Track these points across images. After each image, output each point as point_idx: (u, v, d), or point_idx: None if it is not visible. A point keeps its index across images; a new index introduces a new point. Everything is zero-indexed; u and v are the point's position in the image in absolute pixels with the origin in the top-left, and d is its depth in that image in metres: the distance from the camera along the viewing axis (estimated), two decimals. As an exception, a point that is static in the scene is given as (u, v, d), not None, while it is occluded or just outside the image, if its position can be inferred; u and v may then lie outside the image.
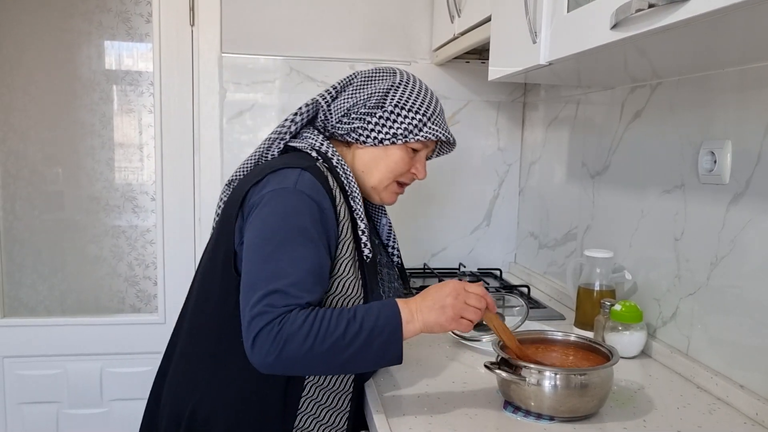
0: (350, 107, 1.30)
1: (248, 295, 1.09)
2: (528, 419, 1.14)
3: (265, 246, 1.12)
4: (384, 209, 1.47)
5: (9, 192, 2.27)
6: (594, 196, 1.84)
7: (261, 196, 1.17)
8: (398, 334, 1.09)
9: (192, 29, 2.23)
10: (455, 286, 1.14)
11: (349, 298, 1.20)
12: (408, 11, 2.33)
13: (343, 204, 1.22)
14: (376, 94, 1.29)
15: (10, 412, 2.29)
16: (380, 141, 1.28)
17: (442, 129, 1.31)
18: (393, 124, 1.28)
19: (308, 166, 1.21)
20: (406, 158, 1.31)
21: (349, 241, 1.21)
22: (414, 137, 1.28)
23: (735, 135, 1.27)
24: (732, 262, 1.27)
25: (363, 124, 1.29)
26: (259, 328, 1.05)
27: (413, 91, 1.31)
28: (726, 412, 1.21)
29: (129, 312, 2.41)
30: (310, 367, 1.08)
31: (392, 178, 1.32)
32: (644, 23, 0.93)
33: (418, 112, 1.28)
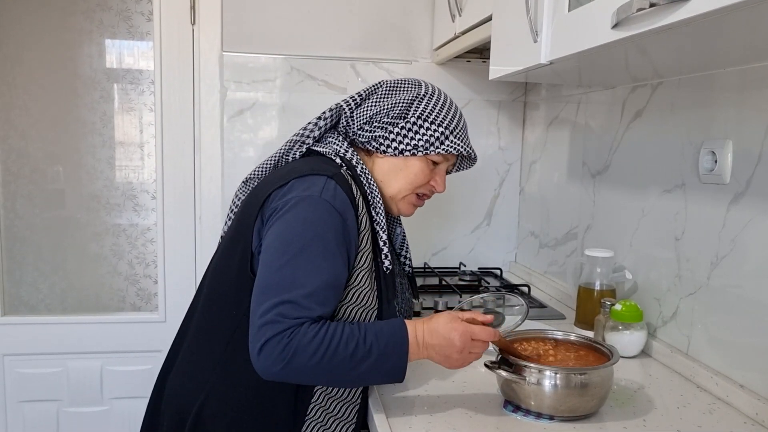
0: (373, 115, 1.29)
1: (260, 299, 1.09)
2: (528, 418, 1.14)
3: (284, 252, 1.11)
4: (399, 219, 1.46)
5: (10, 190, 2.27)
6: (595, 196, 1.84)
7: (285, 201, 1.16)
8: (403, 362, 1.10)
9: (193, 28, 2.23)
10: (464, 341, 1.11)
11: (364, 308, 1.19)
12: (409, 10, 2.33)
13: (364, 214, 1.21)
14: (400, 104, 1.28)
15: (11, 410, 2.29)
16: (401, 152, 1.28)
17: (464, 143, 1.30)
18: (415, 136, 1.27)
19: (334, 174, 1.19)
20: (425, 170, 1.30)
21: (367, 252, 1.20)
22: (435, 150, 1.27)
23: (736, 135, 1.27)
24: (732, 262, 1.27)
25: (385, 133, 1.28)
26: (268, 338, 1.05)
27: (437, 103, 1.30)
28: (726, 412, 1.21)
29: (129, 310, 2.41)
30: (313, 380, 1.11)
31: (411, 190, 1.31)
32: (645, 22, 0.93)
33: (441, 124, 1.28)
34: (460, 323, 1.13)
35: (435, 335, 1.12)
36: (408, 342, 1.10)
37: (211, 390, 1.20)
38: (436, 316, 1.15)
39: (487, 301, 1.80)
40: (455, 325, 1.12)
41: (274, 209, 1.17)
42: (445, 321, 1.13)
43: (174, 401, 1.26)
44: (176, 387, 1.27)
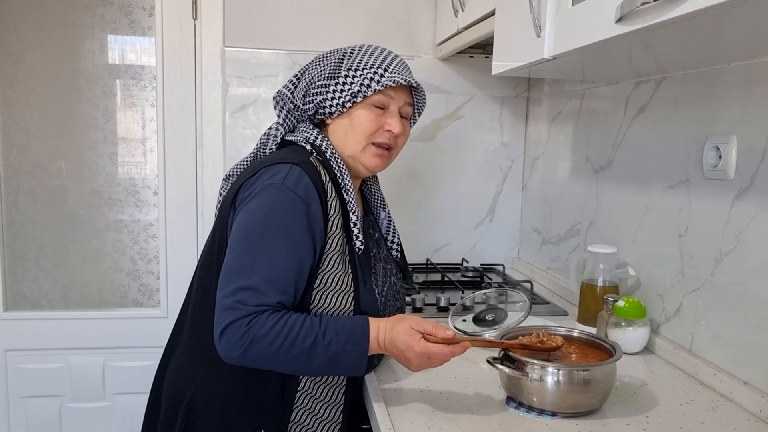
0: (308, 84, 1.31)
1: (222, 285, 1.14)
2: (530, 415, 1.14)
3: (245, 239, 1.15)
4: (383, 203, 1.46)
5: (12, 185, 2.27)
6: (598, 192, 1.83)
7: (251, 190, 1.19)
8: (362, 361, 1.13)
9: (195, 23, 2.23)
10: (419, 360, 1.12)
11: (339, 292, 1.20)
12: (412, 5, 2.32)
13: (334, 198, 1.23)
14: (330, 65, 1.30)
15: (13, 405, 2.30)
16: (343, 105, 1.27)
17: (400, 75, 1.27)
18: (350, 85, 1.26)
19: (300, 161, 1.21)
20: (371, 116, 1.28)
21: (338, 236, 1.21)
22: (372, 89, 1.26)
23: (740, 130, 1.26)
24: (736, 259, 1.26)
25: (324, 96, 1.29)
26: (227, 323, 1.09)
27: (366, 51, 1.30)
28: (729, 409, 1.20)
29: (131, 306, 2.41)
30: (272, 368, 1.14)
31: (365, 140, 1.29)
32: (649, 16, 0.92)
33: (372, 66, 1.27)
34: (417, 341, 1.11)
35: (393, 346, 1.13)
36: (368, 343, 1.13)
37: (201, 381, 1.24)
38: (398, 323, 1.14)
39: (489, 298, 1.80)
40: (412, 344, 1.11)
41: (241, 199, 1.21)
42: (404, 336, 1.12)
43: (169, 393, 1.30)
44: (171, 379, 1.31)
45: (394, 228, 1.46)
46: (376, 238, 1.40)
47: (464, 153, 2.41)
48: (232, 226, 1.21)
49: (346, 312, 1.20)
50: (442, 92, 2.37)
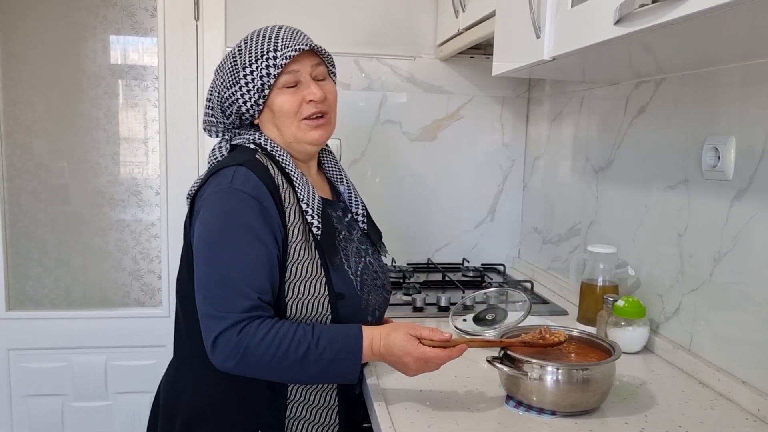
0: (219, 100, 1.32)
1: (200, 299, 1.15)
2: (530, 414, 1.15)
3: (208, 249, 1.16)
4: (341, 175, 1.44)
5: (14, 185, 2.28)
6: (598, 192, 1.84)
7: (202, 200, 1.20)
8: (356, 369, 1.14)
9: (197, 23, 2.24)
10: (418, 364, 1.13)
11: (310, 280, 1.20)
12: (412, 6, 2.33)
13: (287, 189, 1.23)
14: (228, 72, 1.29)
15: (16, 404, 2.30)
16: (257, 103, 1.28)
17: (290, 47, 1.25)
18: (252, 82, 1.26)
19: (245, 160, 1.22)
20: (287, 98, 1.27)
21: (298, 225, 1.21)
22: (273, 75, 1.25)
23: (739, 131, 1.27)
24: (735, 258, 1.27)
25: (237, 103, 1.29)
26: (217, 333, 1.10)
27: (252, 42, 1.27)
28: (728, 408, 1.21)
29: (133, 305, 2.42)
30: (268, 376, 1.15)
31: (295, 121, 1.28)
32: (648, 18, 0.93)
33: (263, 53, 1.25)
34: (415, 346, 1.12)
35: (389, 352, 1.14)
36: (361, 352, 1.13)
37: (193, 392, 1.26)
38: (394, 330, 1.15)
39: (490, 297, 1.80)
40: (410, 349, 1.12)
41: (196, 210, 1.22)
42: (401, 341, 1.13)
43: (165, 405, 1.32)
44: (165, 391, 1.34)
45: (357, 198, 1.43)
46: (348, 221, 1.39)
47: (465, 153, 2.42)
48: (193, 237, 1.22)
49: (321, 298, 1.20)
50: (443, 92, 2.38)
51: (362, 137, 2.35)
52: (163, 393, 1.34)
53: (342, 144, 2.34)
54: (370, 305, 1.30)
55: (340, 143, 2.33)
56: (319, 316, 1.19)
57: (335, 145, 2.32)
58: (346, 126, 2.31)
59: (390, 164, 2.38)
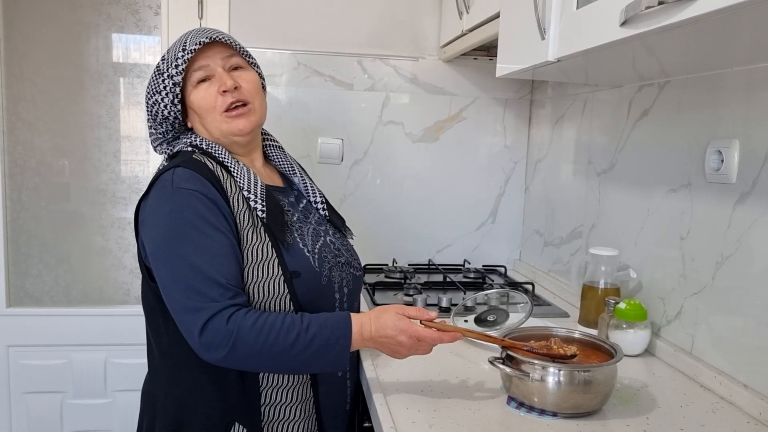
0: (149, 111, 1.34)
1: (172, 295, 1.14)
2: (531, 415, 1.14)
3: (169, 248, 1.16)
4: (293, 168, 1.44)
5: (16, 182, 2.28)
6: (600, 195, 1.84)
7: (148, 207, 1.21)
8: (345, 355, 1.15)
9: (200, 22, 2.23)
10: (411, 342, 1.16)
11: (264, 263, 1.20)
12: (416, 7, 2.33)
13: (228, 179, 1.24)
14: (152, 82, 1.31)
15: (15, 401, 2.30)
16: (173, 104, 1.29)
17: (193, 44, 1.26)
18: (167, 84, 1.28)
19: (181, 162, 1.23)
20: (201, 93, 1.29)
21: (243, 211, 1.22)
22: (180, 74, 1.26)
23: (742, 134, 1.27)
24: (737, 262, 1.27)
25: (162, 107, 1.30)
26: (203, 323, 1.09)
27: (168, 51, 1.31)
28: (729, 412, 1.21)
29: (134, 303, 2.42)
30: (256, 367, 1.16)
31: (215, 114, 1.29)
32: (653, 20, 0.93)
33: (173, 57, 1.27)
34: (407, 323, 1.16)
35: (382, 333, 1.16)
36: (351, 337, 1.15)
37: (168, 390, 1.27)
38: (383, 313, 1.18)
39: (491, 299, 1.80)
40: (402, 326, 1.16)
41: (143, 218, 1.23)
42: (393, 321, 1.16)
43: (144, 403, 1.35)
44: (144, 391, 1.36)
45: (314, 187, 1.44)
46: (303, 206, 1.39)
47: (467, 155, 2.42)
48: (144, 247, 1.22)
49: (275, 279, 1.20)
50: (446, 94, 2.38)
51: (364, 138, 2.36)
52: (141, 402, 1.36)
53: (344, 144, 2.34)
54: (334, 281, 1.30)
55: (342, 143, 2.33)
56: (277, 297, 1.20)
57: (337, 145, 2.32)
58: (349, 126, 2.32)
59: (392, 165, 2.38)
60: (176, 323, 1.15)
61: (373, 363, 1.38)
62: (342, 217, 1.48)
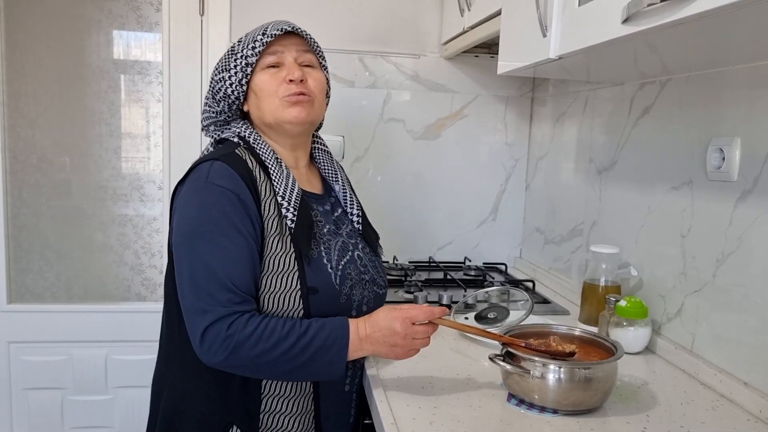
0: (213, 86, 1.34)
1: (184, 292, 1.16)
2: (531, 412, 1.15)
3: (188, 243, 1.17)
4: (336, 175, 1.43)
5: (17, 178, 2.28)
6: (601, 192, 1.84)
7: (181, 195, 1.22)
8: (343, 358, 1.16)
9: (201, 19, 2.24)
10: (405, 327, 1.16)
11: (283, 273, 1.20)
12: (418, 4, 2.33)
13: (265, 181, 1.24)
14: (223, 60, 1.32)
15: (16, 397, 2.31)
16: (240, 83, 1.29)
17: (273, 30, 1.28)
18: (238, 63, 1.29)
19: (222, 155, 1.23)
20: (267, 78, 1.29)
21: (273, 217, 1.22)
22: (255, 55, 1.27)
23: (744, 132, 1.27)
24: (738, 260, 1.27)
25: (227, 85, 1.30)
26: (205, 326, 1.11)
27: (247, 34, 1.32)
28: (729, 409, 1.21)
29: (135, 300, 2.42)
30: (255, 372, 1.16)
31: (275, 99, 1.29)
32: (656, 17, 0.93)
33: (251, 40, 1.29)
34: (398, 311, 1.18)
35: (376, 327, 1.17)
36: (348, 336, 1.16)
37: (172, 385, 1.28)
38: (376, 311, 1.20)
39: (491, 296, 1.81)
40: (394, 314, 1.17)
41: (175, 207, 1.24)
42: (385, 312, 1.19)
43: (151, 398, 1.35)
44: (154, 376, 1.36)
45: (352, 199, 1.43)
46: (337, 216, 1.38)
47: (468, 152, 2.42)
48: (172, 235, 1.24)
49: (292, 292, 1.19)
50: (447, 91, 2.38)
51: (366, 135, 2.35)
52: (152, 388, 1.36)
53: (345, 141, 2.33)
54: (354, 300, 1.28)
55: (344, 140, 2.32)
56: (290, 310, 1.19)
57: (338, 142, 2.31)
58: (350, 123, 2.32)
59: (393, 162, 2.38)
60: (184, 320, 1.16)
61: (374, 360, 1.38)
62: (377, 233, 1.47)
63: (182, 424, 1.25)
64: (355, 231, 1.39)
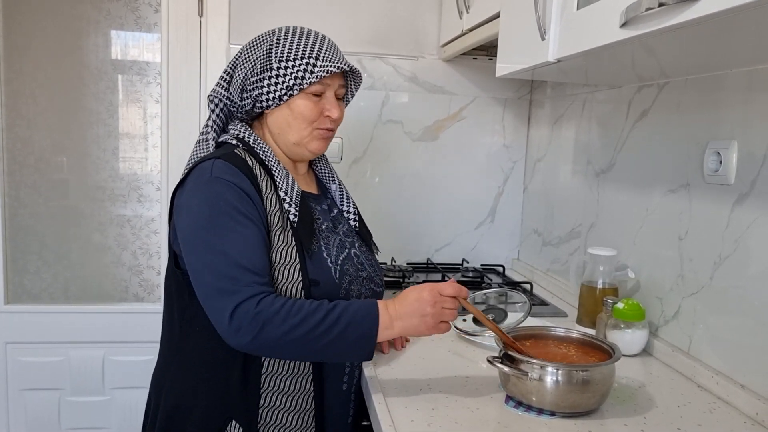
0: (243, 81, 1.32)
1: (207, 280, 1.15)
2: (529, 414, 1.15)
3: (201, 234, 1.17)
4: (332, 175, 1.48)
5: (15, 179, 2.28)
6: (599, 195, 1.84)
7: (185, 193, 1.23)
8: (374, 334, 1.15)
9: (200, 20, 2.24)
10: (433, 295, 1.17)
11: (286, 266, 1.22)
12: (417, 6, 2.33)
13: (265, 178, 1.26)
14: (261, 58, 1.30)
15: (13, 398, 2.30)
16: (280, 98, 1.29)
17: (332, 62, 1.29)
18: (285, 78, 1.28)
19: (222, 154, 1.25)
20: (310, 105, 1.30)
21: (276, 212, 1.24)
22: (307, 82, 1.28)
23: (741, 136, 1.27)
24: (735, 263, 1.27)
25: (260, 91, 1.30)
26: (234, 306, 1.10)
27: (293, 39, 1.30)
28: (726, 412, 1.21)
29: (132, 301, 2.42)
30: (283, 351, 1.14)
31: (308, 128, 1.31)
32: (654, 22, 0.93)
33: (303, 56, 1.28)
34: (425, 284, 1.19)
35: (405, 302, 1.17)
36: (378, 312, 1.16)
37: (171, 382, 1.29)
38: (402, 291, 1.22)
39: (489, 298, 1.81)
40: (422, 286, 1.19)
41: (178, 204, 1.25)
42: (411, 288, 1.20)
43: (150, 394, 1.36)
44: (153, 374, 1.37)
45: (348, 198, 1.47)
46: (334, 215, 1.41)
47: (466, 154, 2.42)
48: (176, 232, 1.24)
49: (294, 284, 1.21)
50: (446, 93, 2.38)
51: (364, 136, 2.36)
52: (151, 384, 1.37)
53: (343, 143, 2.34)
54: (352, 295, 1.31)
55: (342, 142, 2.33)
56: None
57: (336, 144, 2.32)
58: (348, 125, 2.32)
59: (391, 164, 2.39)
60: (205, 309, 1.15)
61: (372, 361, 1.38)
62: (370, 232, 1.49)
63: (182, 419, 1.26)
64: (351, 230, 1.42)
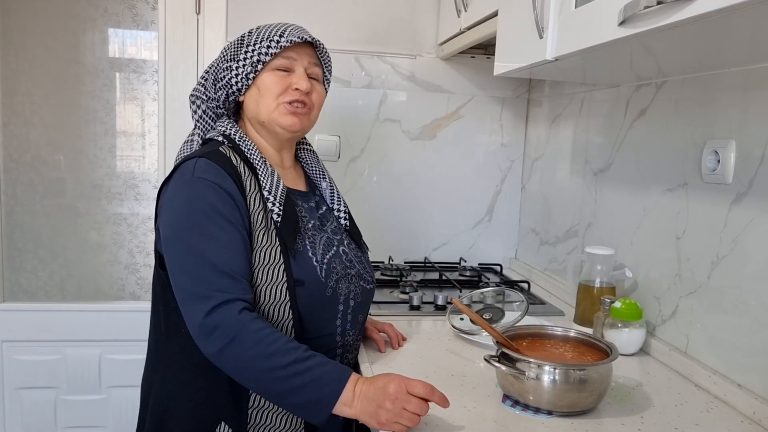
0: (216, 71, 1.34)
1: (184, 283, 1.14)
2: (526, 413, 1.15)
3: (181, 236, 1.16)
4: (323, 173, 1.46)
5: (11, 177, 2.27)
6: (596, 194, 1.84)
7: (167, 191, 1.23)
8: (331, 403, 1.07)
9: (197, 17, 2.23)
10: (398, 390, 1.05)
11: (269, 266, 1.21)
12: (415, 5, 2.33)
13: (249, 177, 1.25)
14: (232, 48, 1.32)
15: (8, 397, 2.29)
16: (246, 77, 1.29)
17: (295, 36, 1.29)
18: (250, 56, 1.29)
19: (206, 152, 1.24)
20: (275, 79, 1.29)
21: (259, 211, 1.23)
22: (270, 54, 1.28)
23: (739, 135, 1.27)
24: (733, 262, 1.27)
25: (229, 74, 1.31)
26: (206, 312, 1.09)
27: (263, 26, 1.32)
28: (723, 411, 1.21)
29: (129, 299, 2.41)
30: (243, 374, 1.10)
31: (275, 101, 1.30)
32: (652, 20, 0.93)
33: (268, 35, 1.29)
34: (399, 376, 1.08)
35: (372, 384, 1.08)
36: (345, 385, 1.08)
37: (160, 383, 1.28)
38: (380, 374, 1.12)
39: (487, 297, 1.81)
40: (393, 376, 1.08)
41: (161, 204, 1.24)
42: (385, 374, 1.11)
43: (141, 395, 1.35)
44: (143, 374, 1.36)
45: (339, 196, 1.45)
46: (322, 213, 1.40)
47: (464, 153, 2.42)
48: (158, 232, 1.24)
49: (279, 284, 1.20)
50: (444, 92, 2.38)
51: (362, 135, 2.35)
52: (141, 387, 1.36)
53: (341, 141, 2.33)
54: (340, 293, 1.29)
55: (339, 140, 2.33)
56: (278, 303, 1.20)
57: (334, 142, 2.32)
58: (346, 123, 2.32)
59: (389, 162, 2.38)
60: (181, 311, 1.14)
61: (368, 359, 1.38)
62: (359, 231, 1.48)
63: (171, 421, 1.25)
64: (340, 227, 1.41)
